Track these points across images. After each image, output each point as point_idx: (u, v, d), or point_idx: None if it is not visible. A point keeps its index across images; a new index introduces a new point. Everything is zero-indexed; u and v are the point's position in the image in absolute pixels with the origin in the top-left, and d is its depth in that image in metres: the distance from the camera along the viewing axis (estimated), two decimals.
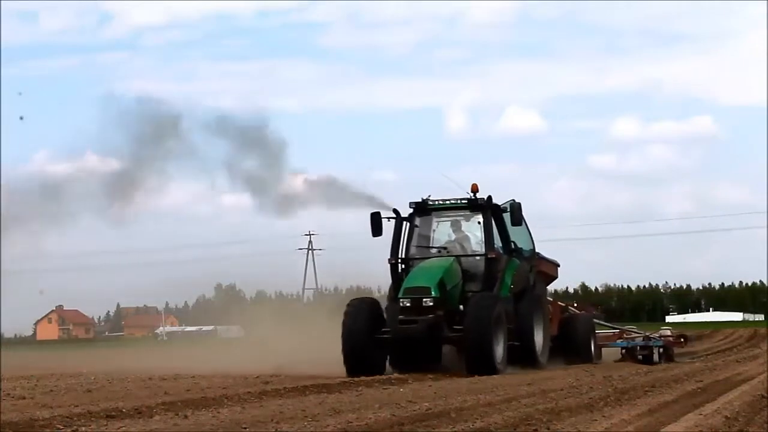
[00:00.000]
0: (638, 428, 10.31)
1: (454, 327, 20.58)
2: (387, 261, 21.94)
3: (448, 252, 22.03)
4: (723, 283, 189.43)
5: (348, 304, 21.28)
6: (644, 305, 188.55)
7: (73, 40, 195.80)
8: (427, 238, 22.50)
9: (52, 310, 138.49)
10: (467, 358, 20.06)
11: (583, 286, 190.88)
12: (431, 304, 20.36)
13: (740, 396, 13.67)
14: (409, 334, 20.35)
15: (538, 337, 22.19)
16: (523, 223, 22.61)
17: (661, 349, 26.10)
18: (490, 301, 20.66)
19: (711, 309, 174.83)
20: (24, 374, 22.45)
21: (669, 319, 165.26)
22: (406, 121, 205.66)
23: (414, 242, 22.16)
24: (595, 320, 27.52)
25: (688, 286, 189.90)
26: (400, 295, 20.65)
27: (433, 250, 22.18)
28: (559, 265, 26.39)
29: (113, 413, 11.73)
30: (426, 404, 12.44)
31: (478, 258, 21.76)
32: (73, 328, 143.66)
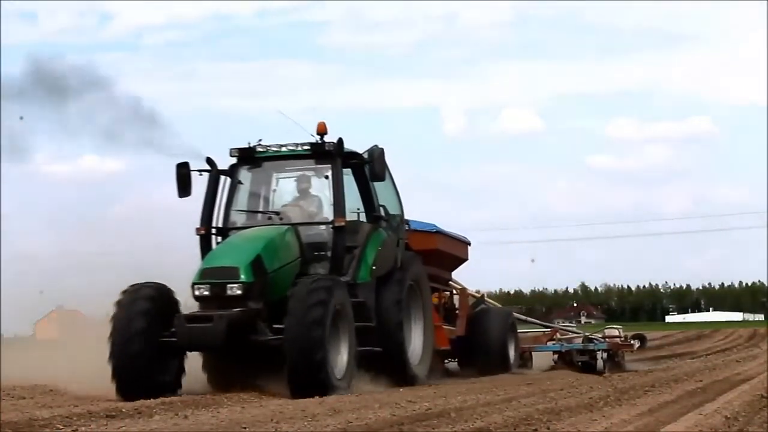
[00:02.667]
0: (638, 428, 10.31)
1: (275, 327, 14.57)
2: (195, 231, 15.99)
3: (281, 218, 16.06)
4: (723, 283, 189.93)
5: (123, 292, 15.04)
6: (644, 305, 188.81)
7: (73, 40, 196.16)
8: (264, 200, 16.66)
9: (53, 311, 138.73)
10: (287, 373, 14.17)
11: (583, 286, 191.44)
12: (239, 292, 14.62)
13: (740, 396, 13.67)
14: (199, 339, 14.56)
15: (414, 341, 16.98)
16: (389, 179, 16.90)
17: (605, 354, 21.53)
18: (323, 290, 14.45)
19: (711, 309, 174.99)
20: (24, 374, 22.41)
21: (669, 319, 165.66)
22: (405, 121, 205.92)
23: (237, 205, 16.31)
24: (518, 317, 23.12)
25: (688, 286, 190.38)
26: (194, 280, 14.83)
27: (261, 216, 16.31)
28: (469, 244, 21.47)
29: (113, 413, 11.74)
30: (426, 404, 12.45)
31: (323, 228, 16.01)
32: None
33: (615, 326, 24.26)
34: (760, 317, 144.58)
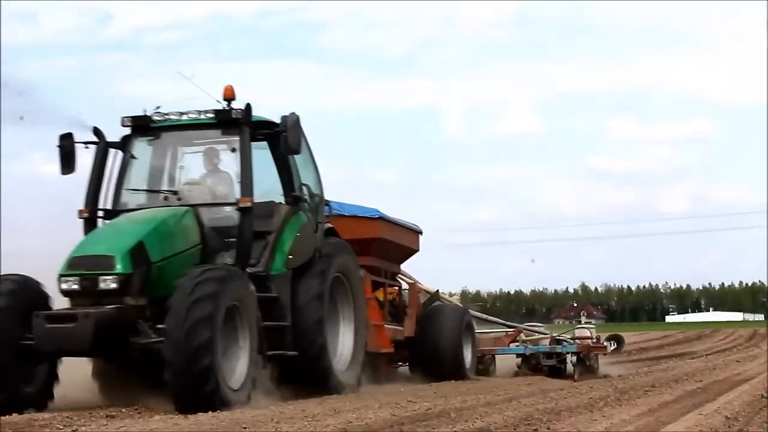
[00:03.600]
0: (638, 428, 10.31)
1: (160, 327, 12.21)
2: (78, 214, 13.67)
3: (179, 199, 13.79)
4: (723, 283, 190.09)
5: None
6: (644, 305, 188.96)
7: (73, 40, 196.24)
8: (168, 177, 14.24)
9: None
10: (168, 383, 11.96)
11: (583, 286, 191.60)
12: (114, 286, 12.33)
13: (740, 396, 13.67)
14: (61, 342, 12.18)
15: (342, 343, 14.86)
16: (306, 153, 14.54)
17: (575, 357, 19.63)
18: (212, 281, 12.08)
19: (711, 309, 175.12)
20: None
21: (669, 319, 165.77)
22: (405, 121, 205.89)
23: (131, 183, 13.99)
24: (477, 315, 21.23)
25: (688, 286, 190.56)
26: (60, 271, 12.57)
27: (159, 197, 13.98)
28: (420, 233, 19.44)
29: (113, 413, 11.75)
30: (426, 404, 12.45)
31: (232, 210, 13.65)
32: None
33: (587, 326, 22.11)
34: (761, 317, 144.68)
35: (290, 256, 14.00)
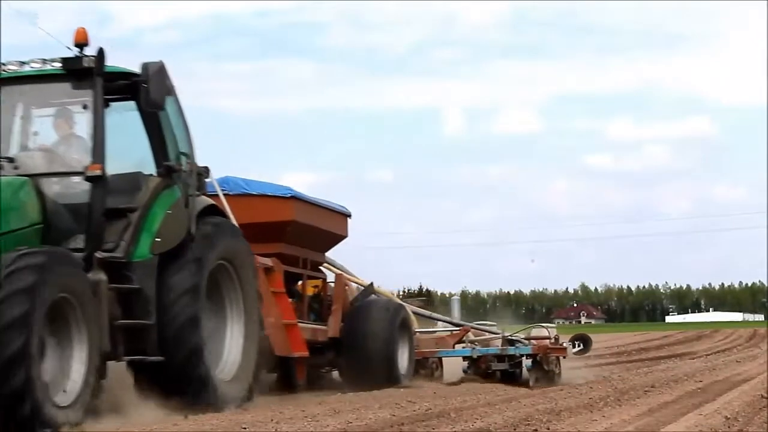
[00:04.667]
0: (638, 428, 10.31)
1: None
2: None
3: (16, 167, 11.27)
4: (723, 284, 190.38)
5: None
6: (644, 305, 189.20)
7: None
8: (14, 144, 11.81)
9: None
10: None
11: (583, 287, 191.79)
12: None
13: (740, 396, 13.68)
14: None
15: (228, 347, 12.38)
16: (175, 111, 12.14)
17: (530, 360, 17.13)
18: (28, 270, 9.81)
19: (711, 309, 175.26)
20: None
21: (669, 319, 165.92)
22: (404, 121, 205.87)
23: None
24: (418, 312, 18.83)
25: (688, 286, 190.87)
26: None
27: None
28: (348, 216, 17.05)
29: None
30: (426, 404, 12.45)
31: (77, 181, 11.30)
32: None
33: (546, 325, 19.72)
34: (760, 317, 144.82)
35: (158, 239, 11.48)
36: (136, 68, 11.70)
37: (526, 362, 17.16)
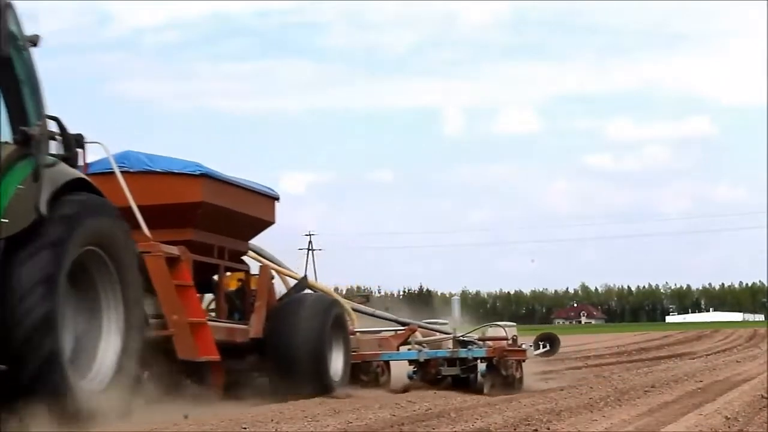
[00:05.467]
0: (638, 428, 10.31)
1: None
2: None
3: None
4: (723, 284, 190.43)
5: None
6: (644, 305, 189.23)
7: (73, 40, 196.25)
8: None
9: None
10: None
11: (583, 286, 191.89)
12: None
13: (740, 396, 13.69)
14: None
15: (102, 353, 10.33)
16: (21, 64, 10.06)
17: (485, 364, 15.29)
18: None
19: (711, 309, 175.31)
20: None
21: (669, 319, 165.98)
22: (404, 121, 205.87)
23: None
24: (358, 308, 17.07)
25: (688, 286, 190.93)
26: None
27: None
28: (276, 199, 14.75)
29: None
30: (426, 404, 12.46)
31: None
32: None
33: (504, 324, 17.44)
34: (761, 317, 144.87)
35: (4, 220, 9.51)
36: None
37: (481, 366, 15.26)
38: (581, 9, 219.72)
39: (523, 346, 16.20)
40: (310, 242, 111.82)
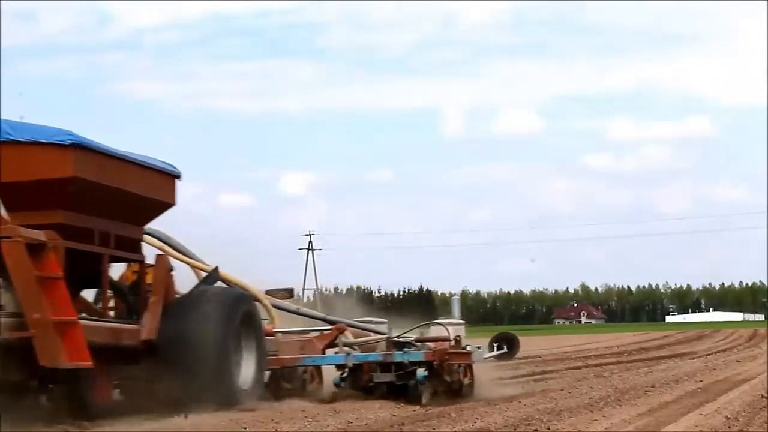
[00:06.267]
0: (638, 428, 10.31)
1: None
2: None
3: None
4: (723, 283, 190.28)
5: None
6: (644, 305, 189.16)
7: (73, 41, 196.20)
8: None
9: None
10: None
11: (584, 286, 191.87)
12: None
13: (740, 396, 13.69)
14: None
15: None
16: None
17: (425, 370, 13.34)
18: None
19: (711, 309, 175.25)
20: None
21: (669, 319, 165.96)
22: (404, 121, 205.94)
23: None
24: (278, 304, 15.04)
25: (689, 286, 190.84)
26: None
27: None
28: (176, 176, 12.37)
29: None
30: (426, 404, 12.45)
31: None
32: None
33: (447, 321, 15.66)
34: (761, 317, 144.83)
35: None
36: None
37: (419, 372, 13.31)
38: (581, 9, 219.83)
39: (468, 348, 14.04)
40: (310, 242, 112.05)
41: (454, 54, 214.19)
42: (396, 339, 14.01)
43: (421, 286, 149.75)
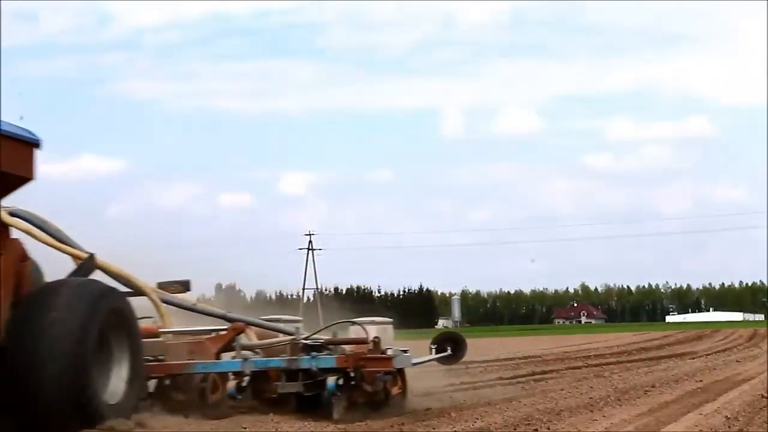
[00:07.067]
0: (638, 428, 10.31)
1: None
2: None
3: None
4: (723, 283, 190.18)
5: None
6: (644, 305, 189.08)
7: (73, 41, 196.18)
8: None
9: None
10: None
11: (584, 286, 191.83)
12: None
13: (740, 396, 13.68)
14: None
15: None
16: None
17: (338, 378, 11.21)
18: None
19: (711, 309, 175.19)
20: None
21: (669, 319, 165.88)
22: (404, 121, 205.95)
23: None
24: (167, 300, 12.56)
25: (689, 286, 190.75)
26: None
27: None
28: (35, 145, 9.93)
29: None
30: (426, 404, 12.44)
31: None
32: None
33: (370, 320, 12.93)
34: (761, 317, 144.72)
35: None
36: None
37: (329, 382, 11.19)
38: (581, 9, 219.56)
39: (389, 352, 11.60)
40: (310, 242, 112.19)
41: (454, 54, 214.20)
42: (302, 341, 11.74)
43: (421, 286, 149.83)
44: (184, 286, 13.21)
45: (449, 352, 13.52)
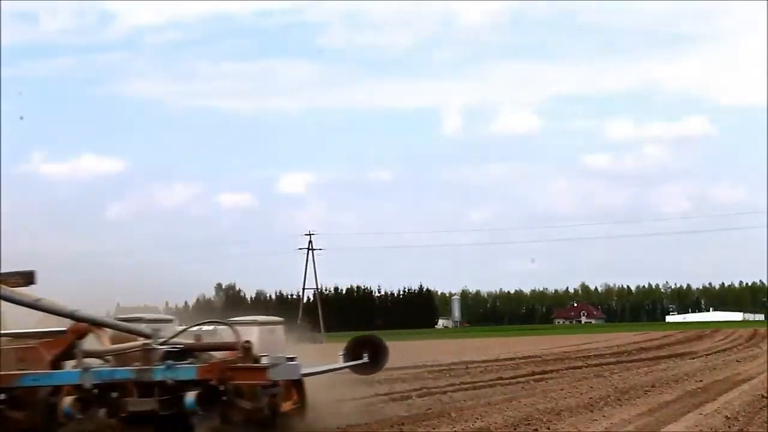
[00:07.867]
0: (638, 428, 10.30)
1: None
2: None
3: None
4: (723, 283, 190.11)
5: None
6: (644, 305, 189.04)
7: (73, 41, 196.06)
8: None
9: None
10: None
11: (584, 286, 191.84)
12: None
13: (740, 396, 13.68)
14: None
15: None
16: None
17: (198, 393, 9.14)
18: None
19: (711, 309, 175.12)
20: None
21: (669, 318, 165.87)
22: (404, 121, 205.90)
23: None
24: (9, 296, 10.02)
25: (689, 286, 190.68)
26: None
27: None
28: None
29: None
30: (426, 404, 12.44)
31: None
32: None
33: (244, 320, 10.55)
34: (761, 317, 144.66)
35: None
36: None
37: (188, 398, 9.04)
38: (581, 9, 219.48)
39: (264, 361, 9.36)
40: (310, 242, 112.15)
41: (454, 54, 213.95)
42: (157, 346, 9.52)
43: (421, 286, 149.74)
44: (27, 278, 10.57)
45: (366, 359, 11.48)
